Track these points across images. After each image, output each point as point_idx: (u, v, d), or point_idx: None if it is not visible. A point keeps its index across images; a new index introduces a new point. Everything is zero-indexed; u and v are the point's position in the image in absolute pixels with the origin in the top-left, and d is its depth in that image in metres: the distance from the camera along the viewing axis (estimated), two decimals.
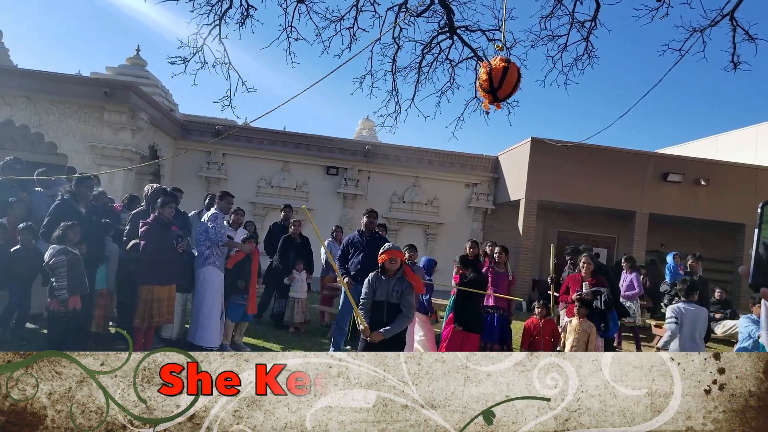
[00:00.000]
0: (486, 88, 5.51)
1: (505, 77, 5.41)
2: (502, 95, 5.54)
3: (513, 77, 5.46)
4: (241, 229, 8.26)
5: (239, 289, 7.33)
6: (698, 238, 17.53)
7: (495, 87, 5.44)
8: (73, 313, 6.05)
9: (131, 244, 6.80)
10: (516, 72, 5.50)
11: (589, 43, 8.79)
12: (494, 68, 5.42)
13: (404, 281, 4.93)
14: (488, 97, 5.59)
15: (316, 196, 17.27)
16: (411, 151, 17.69)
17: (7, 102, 12.80)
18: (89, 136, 12.93)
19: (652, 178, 15.20)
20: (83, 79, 14.56)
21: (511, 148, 16.76)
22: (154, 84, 17.49)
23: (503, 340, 7.63)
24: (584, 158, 14.94)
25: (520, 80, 5.59)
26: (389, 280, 4.90)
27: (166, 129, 15.54)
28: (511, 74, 5.44)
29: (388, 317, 4.84)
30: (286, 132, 18.05)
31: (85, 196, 6.90)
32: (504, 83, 5.43)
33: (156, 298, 6.44)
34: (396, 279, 4.89)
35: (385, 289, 4.88)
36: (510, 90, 5.53)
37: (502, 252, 7.93)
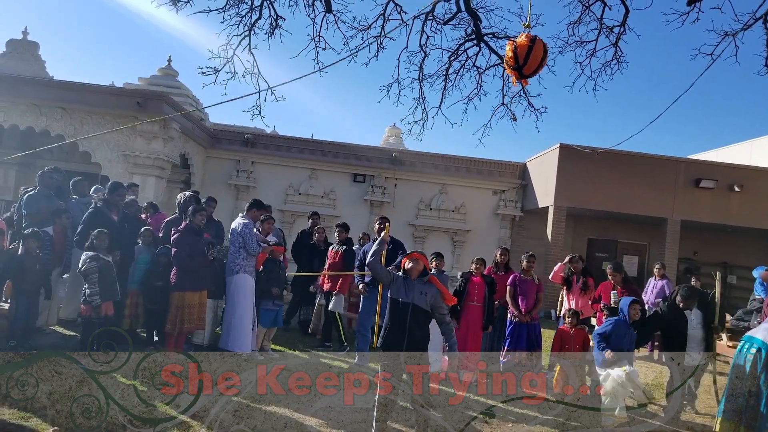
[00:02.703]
0: (512, 65, 5.52)
1: (530, 54, 5.41)
2: (528, 71, 5.55)
3: (539, 53, 5.47)
4: (271, 236, 8.35)
5: (270, 295, 7.42)
6: (732, 246, 17.17)
7: (521, 64, 5.46)
8: (105, 318, 6.17)
9: (159, 249, 6.96)
10: (542, 48, 5.50)
11: (618, 49, 8.72)
12: (519, 45, 5.42)
13: (432, 286, 4.87)
14: (515, 73, 5.61)
15: (343, 203, 17.35)
16: (438, 158, 17.66)
17: (43, 112, 13.15)
18: (122, 145, 13.20)
19: (684, 184, 14.93)
20: (116, 89, 14.88)
21: (539, 155, 16.64)
22: (185, 94, 17.78)
23: (531, 348, 7.57)
24: (614, 164, 14.74)
25: (546, 56, 5.61)
26: (415, 282, 4.83)
27: (197, 138, 15.79)
28: (536, 51, 5.45)
29: (413, 320, 4.74)
30: (313, 140, 18.18)
31: (118, 204, 7.06)
32: (530, 59, 5.43)
33: (187, 304, 6.56)
34: (421, 282, 4.84)
35: (412, 292, 4.79)
36: (536, 66, 5.53)
37: (530, 260, 7.88)
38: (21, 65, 16.63)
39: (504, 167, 17.74)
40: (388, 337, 4.79)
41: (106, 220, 6.66)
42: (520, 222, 17.59)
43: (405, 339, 4.71)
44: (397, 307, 4.79)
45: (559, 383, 7.00)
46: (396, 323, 4.78)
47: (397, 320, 4.77)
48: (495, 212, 17.59)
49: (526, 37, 5.49)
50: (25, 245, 6.56)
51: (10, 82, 13.25)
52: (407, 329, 4.73)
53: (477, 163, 17.67)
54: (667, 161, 15.33)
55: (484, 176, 17.62)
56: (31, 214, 7.21)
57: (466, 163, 17.67)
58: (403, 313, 4.75)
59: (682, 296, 6.72)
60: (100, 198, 7.33)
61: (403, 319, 4.74)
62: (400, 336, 4.73)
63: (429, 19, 8.76)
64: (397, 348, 4.68)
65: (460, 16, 8.77)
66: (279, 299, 7.57)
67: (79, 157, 14.02)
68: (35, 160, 15.02)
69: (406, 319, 4.73)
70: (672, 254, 14.69)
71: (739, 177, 15.00)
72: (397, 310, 4.79)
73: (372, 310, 7.48)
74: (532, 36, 5.54)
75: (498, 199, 17.65)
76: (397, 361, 4.71)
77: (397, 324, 4.77)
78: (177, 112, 12.68)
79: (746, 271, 16.55)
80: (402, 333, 4.73)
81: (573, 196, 14.92)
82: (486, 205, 17.66)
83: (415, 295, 4.77)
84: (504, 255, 8.25)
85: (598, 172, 14.69)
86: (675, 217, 14.85)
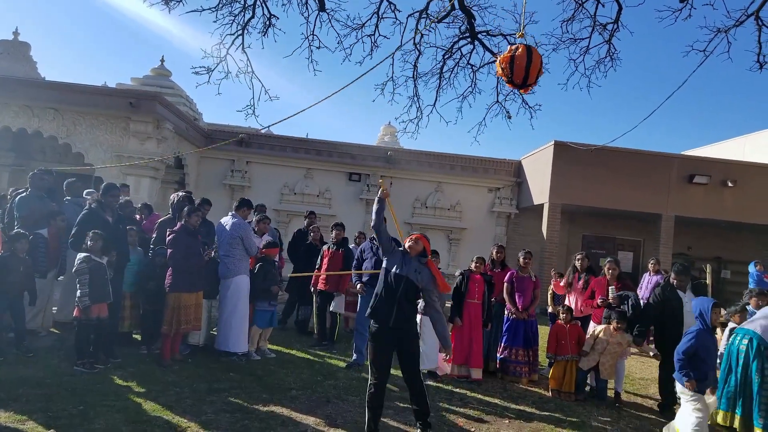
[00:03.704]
0: (510, 78, 5.46)
1: (530, 66, 5.37)
2: (530, 81, 5.51)
3: (536, 64, 5.42)
4: (266, 236, 8.34)
5: (267, 296, 7.42)
6: (726, 241, 17.25)
7: (521, 80, 5.41)
8: (98, 320, 6.11)
9: (156, 249, 6.96)
10: (539, 59, 5.45)
11: (612, 46, 8.74)
12: (518, 55, 5.37)
13: (427, 269, 4.96)
14: (511, 85, 5.56)
15: (338, 202, 17.34)
16: (433, 156, 17.69)
17: (35, 113, 13.08)
18: (115, 145, 13.14)
19: (678, 180, 14.98)
20: (109, 90, 14.80)
21: (534, 152, 16.67)
22: (179, 94, 17.70)
23: (528, 345, 7.59)
24: (608, 161, 14.78)
25: (542, 64, 5.55)
26: (412, 259, 4.93)
27: (191, 138, 15.74)
28: (534, 62, 5.39)
29: (403, 293, 4.81)
30: (308, 139, 18.16)
31: (112, 205, 7.02)
32: (530, 69, 5.39)
33: (183, 305, 6.54)
34: (419, 262, 4.95)
35: (408, 266, 4.88)
36: (536, 75, 5.49)
37: (526, 256, 7.89)
38: (13, 66, 16.54)
39: (499, 165, 17.77)
40: (378, 305, 4.85)
41: (100, 222, 6.61)
42: (516, 219, 17.63)
43: (394, 310, 4.79)
44: (390, 278, 4.86)
45: (554, 379, 7.04)
46: (388, 293, 4.85)
47: (390, 291, 4.84)
48: (490, 210, 17.62)
49: (522, 48, 5.43)
50: (11, 246, 6.45)
51: (2, 83, 13.17)
52: (397, 300, 4.81)
53: (472, 161, 17.70)
54: (661, 157, 15.38)
55: (480, 174, 17.65)
56: (24, 216, 7.17)
57: (461, 161, 17.70)
58: (396, 284, 4.83)
59: (676, 271, 6.75)
60: (94, 199, 7.29)
61: (395, 291, 4.82)
62: (389, 306, 4.81)
63: (423, 17, 8.76)
64: (386, 318, 4.79)
65: (454, 14, 8.79)
66: (274, 299, 7.57)
67: (72, 158, 13.97)
68: (29, 161, 14.97)
69: (398, 291, 4.82)
70: (666, 250, 14.73)
71: (733, 172, 15.07)
72: (390, 280, 4.86)
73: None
74: (526, 45, 5.48)
75: (493, 196, 17.69)
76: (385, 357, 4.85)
77: (389, 294, 4.84)
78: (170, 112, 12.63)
79: (740, 265, 16.67)
80: (392, 304, 4.80)
81: (568, 193, 14.95)
82: (481, 202, 17.69)
83: (410, 271, 4.87)
84: (500, 252, 8.28)
85: (592, 169, 14.72)
86: (669, 213, 14.90)
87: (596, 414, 6.39)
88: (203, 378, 6.21)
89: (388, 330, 4.80)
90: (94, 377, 5.81)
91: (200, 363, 6.80)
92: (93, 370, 5.96)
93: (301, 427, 5.05)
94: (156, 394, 5.52)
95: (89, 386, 5.52)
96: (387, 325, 4.79)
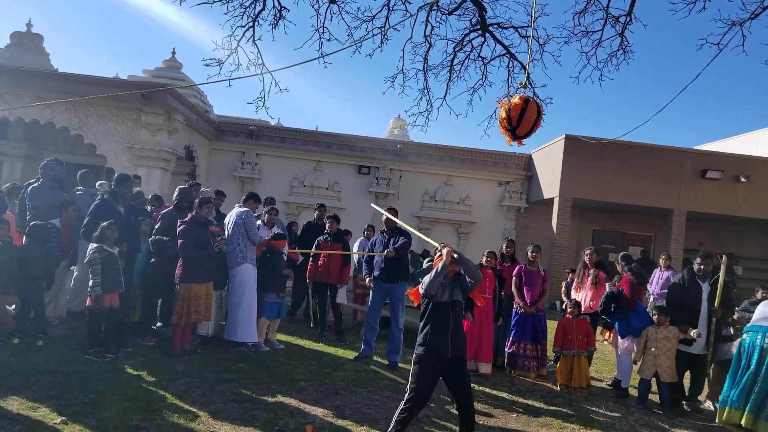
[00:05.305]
0: (506, 126, 5.46)
1: (523, 115, 5.35)
2: (521, 133, 5.47)
3: (532, 115, 5.39)
4: (275, 228, 8.37)
5: (275, 288, 7.46)
6: (738, 236, 17.11)
7: (513, 126, 5.39)
8: (110, 310, 6.19)
9: (155, 239, 7.02)
10: (535, 110, 5.42)
11: (624, 39, 8.64)
12: (513, 106, 5.37)
13: (462, 276, 4.67)
14: (509, 134, 5.54)
15: (348, 195, 17.35)
16: (443, 149, 17.63)
17: (48, 105, 13.15)
18: (127, 137, 13.20)
19: (690, 175, 14.87)
20: (121, 81, 14.85)
21: (544, 146, 16.59)
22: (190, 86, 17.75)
23: (536, 340, 7.59)
24: (620, 155, 14.68)
25: (540, 117, 5.50)
26: (448, 281, 4.65)
27: (202, 130, 15.79)
28: (530, 112, 5.37)
29: (454, 319, 4.59)
30: (318, 132, 18.16)
31: (124, 195, 7.07)
32: (523, 121, 5.37)
33: (194, 296, 6.58)
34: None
35: (449, 290, 4.62)
36: (529, 128, 5.46)
37: (535, 250, 7.87)
38: (26, 57, 16.61)
39: (509, 159, 17.68)
40: (431, 341, 4.54)
41: (112, 212, 6.66)
42: (525, 213, 17.57)
43: (448, 339, 4.53)
44: (438, 309, 4.60)
45: (561, 374, 7.03)
46: (438, 326, 4.57)
47: (439, 322, 4.57)
48: (500, 204, 17.56)
49: (520, 98, 5.41)
50: (29, 237, 6.60)
51: (15, 75, 13.26)
52: (450, 327, 4.57)
53: (482, 154, 17.64)
54: (673, 152, 15.25)
55: (489, 168, 17.58)
56: (36, 206, 7.23)
57: (471, 155, 17.63)
58: (445, 312, 4.59)
59: (701, 256, 6.73)
60: (106, 190, 7.34)
61: (446, 320, 4.58)
62: (443, 337, 4.53)
63: (434, 9, 8.70)
64: (443, 349, 4.50)
65: (465, 6, 8.71)
66: (282, 291, 7.61)
67: (84, 149, 14.03)
68: (41, 152, 15.06)
69: (449, 319, 4.58)
70: (677, 245, 14.65)
71: (746, 168, 14.92)
72: (438, 312, 4.60)
73: (381, 304, 7.52)
74: (526, 97, 5.46)
75: (503, 190, 17.63)
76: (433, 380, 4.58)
77: (441, 324, 4.57)
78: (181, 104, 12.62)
79: (752, 262, 16.53)
80: (445, 332, 4.55)
81: (578, 188, 14.88)
82: (491, 196, 17.64)
83: (452, 291, 4.65)
84: (510, 247, 8.28)
85: (603, 163, 14.63)
86: (681, 208, 14.80)
87: (605, 409, 6.38)
88: (212, 368, 6.26)
89: (444, 360, 4.52)
90: (105, 366, 5.87)
91: (210, 353, 6.85)
92: (104, 359, 6.02)
93: (309, 418, 5.08)
94: (166, 383, 5.57)
95: (100, 375, 5.58)
96: (444, 356, 4.51)
